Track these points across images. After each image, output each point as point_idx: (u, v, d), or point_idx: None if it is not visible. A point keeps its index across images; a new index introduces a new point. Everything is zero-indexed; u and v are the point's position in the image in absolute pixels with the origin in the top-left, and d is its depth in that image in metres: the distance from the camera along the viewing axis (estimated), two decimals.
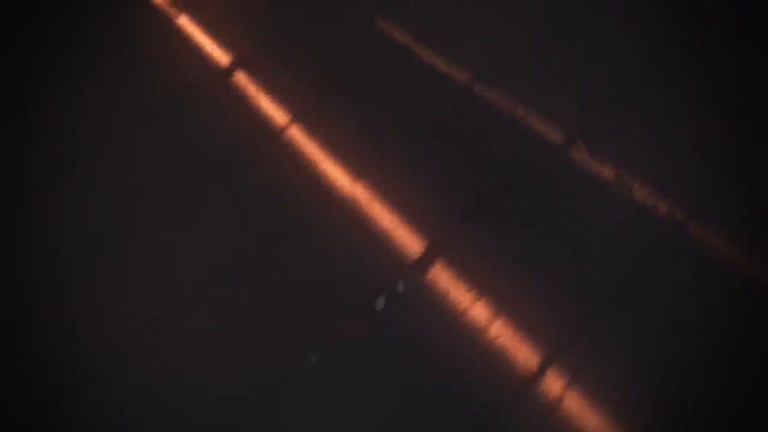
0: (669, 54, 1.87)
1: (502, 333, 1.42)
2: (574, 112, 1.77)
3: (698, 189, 1.61)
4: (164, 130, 1.82)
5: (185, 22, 2.02)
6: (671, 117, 1.73)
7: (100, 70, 1.98)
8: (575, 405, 1.29)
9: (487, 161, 1.71)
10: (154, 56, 1.96)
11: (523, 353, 1.37)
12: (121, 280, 1.58)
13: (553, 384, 1.32)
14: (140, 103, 1.88)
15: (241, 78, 1.88)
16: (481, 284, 1.48)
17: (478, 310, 1.45)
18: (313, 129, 1.78)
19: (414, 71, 1.88)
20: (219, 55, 1.95)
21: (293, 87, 1.86)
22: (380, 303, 1.53)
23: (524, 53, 1.88)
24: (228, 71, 1.90)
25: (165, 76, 1.91)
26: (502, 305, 1.44)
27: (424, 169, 1.70)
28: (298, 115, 1.81)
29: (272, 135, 1.79)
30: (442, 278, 1.52)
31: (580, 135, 1.73)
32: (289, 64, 1.91)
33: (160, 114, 1.85)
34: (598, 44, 1.90)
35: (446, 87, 1.84)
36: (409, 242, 1.59)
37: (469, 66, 1.88)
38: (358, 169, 1.71)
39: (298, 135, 1.78)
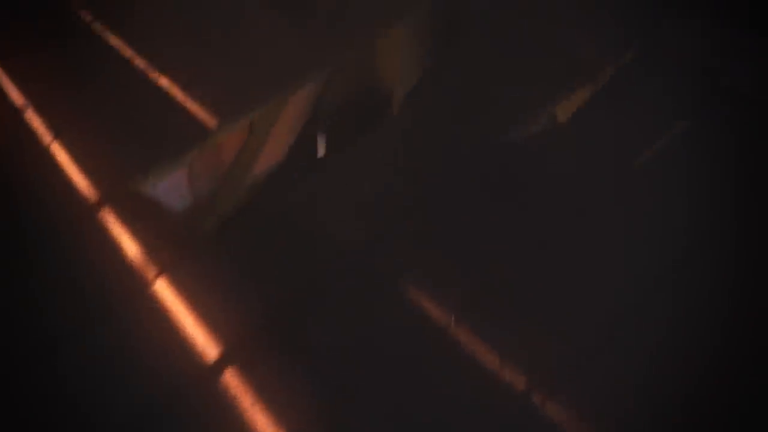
0: None
1: None
2: None
3: None
4: None
5: (163, 289, 1.61)
6: None
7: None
8: None
9: None
10: (123, 342, 1.55)
11: None
12: None
13: None
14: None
15: (233, 380, 1.47)
16: None
17: None
18: None
19: (455, 370, 1.49)
20: (205, 342, 1.54)
21: (296, 398, 1.45)
22: None
23: (591, 357, 1.51)
24: (216, 369, 1.49)
25: (138, 376, 1.49)
26: None
27: None
28: None
29: None
30: None
31: None
32: (295, 360, 1.51)
33: None
34: (674, 346, 1.53)
35: (498, 395, 1.45)
36: None
37: (523, 367, 1.50)
38: None
39: None
